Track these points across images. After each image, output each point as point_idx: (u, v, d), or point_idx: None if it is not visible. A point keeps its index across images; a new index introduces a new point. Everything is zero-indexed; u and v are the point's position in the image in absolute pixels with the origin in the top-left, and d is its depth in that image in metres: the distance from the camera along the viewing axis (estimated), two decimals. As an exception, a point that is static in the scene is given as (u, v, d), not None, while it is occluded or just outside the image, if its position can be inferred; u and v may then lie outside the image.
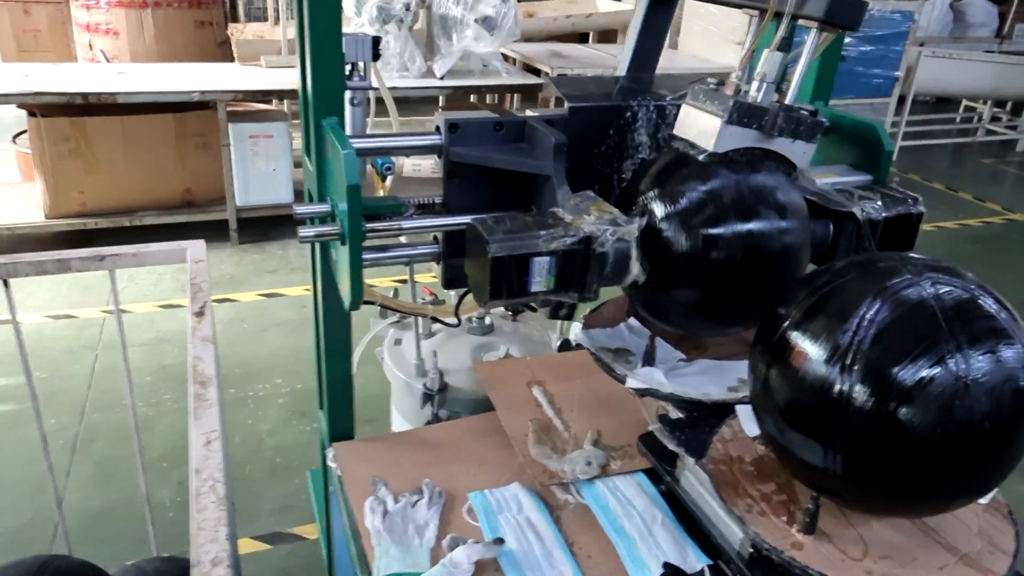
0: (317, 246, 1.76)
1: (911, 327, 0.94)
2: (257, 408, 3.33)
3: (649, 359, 1.46)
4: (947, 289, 0.97)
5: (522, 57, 6.34)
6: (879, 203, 1.50)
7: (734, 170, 1.30)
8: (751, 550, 1.30)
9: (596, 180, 1.61)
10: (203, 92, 4.74)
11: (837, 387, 0.96)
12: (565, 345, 2.12)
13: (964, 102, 9.11)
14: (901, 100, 7.38)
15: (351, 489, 1.62)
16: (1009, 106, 8.97)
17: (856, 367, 0.95)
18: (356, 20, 5.05)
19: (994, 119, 8.95)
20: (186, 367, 1.39)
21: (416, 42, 5.43)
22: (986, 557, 1.07)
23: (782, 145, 1.30)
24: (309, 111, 1.55)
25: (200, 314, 1.46)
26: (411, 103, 7.42)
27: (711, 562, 1.40)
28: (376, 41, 1.61)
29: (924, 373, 0.91)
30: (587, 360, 1.98)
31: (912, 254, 1.07)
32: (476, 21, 5.16)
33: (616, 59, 6.29)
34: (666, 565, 1.38)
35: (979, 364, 0.92)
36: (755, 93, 1.27)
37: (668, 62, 6.26)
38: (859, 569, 1.04)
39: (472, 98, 6.55)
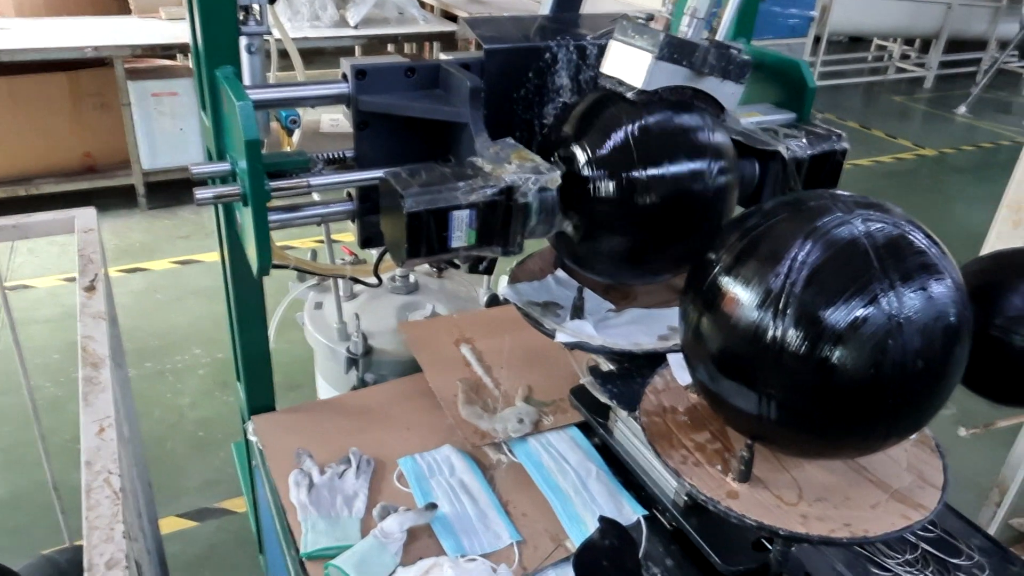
0: (221, 209, 1.63)
1: (843, 267, 0.91)
2: (176, 381, 3.17)
3: (578, 312, 1.41)
4: (878, 226, 0.94)
5: (440, 4, 6.11)
6: (804, 141, 1.47)
7: (660, 111, 1.25)
8: (686, 499, 1.30)
9: (516, 127, 1.53)
10: (97, 48, 4.38)
11: (770, 332, 0.93)
12: (493, 300, 2.06)
13: (875, 41, 9.33)
14: (817, 40, 7.48)
15: (274, 463, 1.54)
16: (917, 44, 9.24)
17: (789, 311, 0.92)
18: (260, -35, 4.74)
19: (904, 57, 9.21)
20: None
21: (327, -12, 5.15)
22: (916, 492, 1.08)
23: (711, 85, 1.25)
24: (201, 61, 1.41)
25: (91, 288, 1.33)
26: (325, 55, 7.09)
27: (646, 512, 1.39)
28: (271, -20, 1.47)
29: (858, 313, 0.89)
30: (516, 315, 1.93)
31: (840, 191, 1.03)
32: (389, -35, 4.92)
33: (536, 4, 6.14)
34: (601, 518, 1.35)
35: (911, 302, 0.90)
36: (685, 29, 1.20)
37: (589, 7, 6.15)
38: (794, 513, 1.03)
39: (389, 48, 6.30)
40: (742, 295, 0.97)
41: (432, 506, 1.39)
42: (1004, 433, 2.15)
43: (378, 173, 1.38)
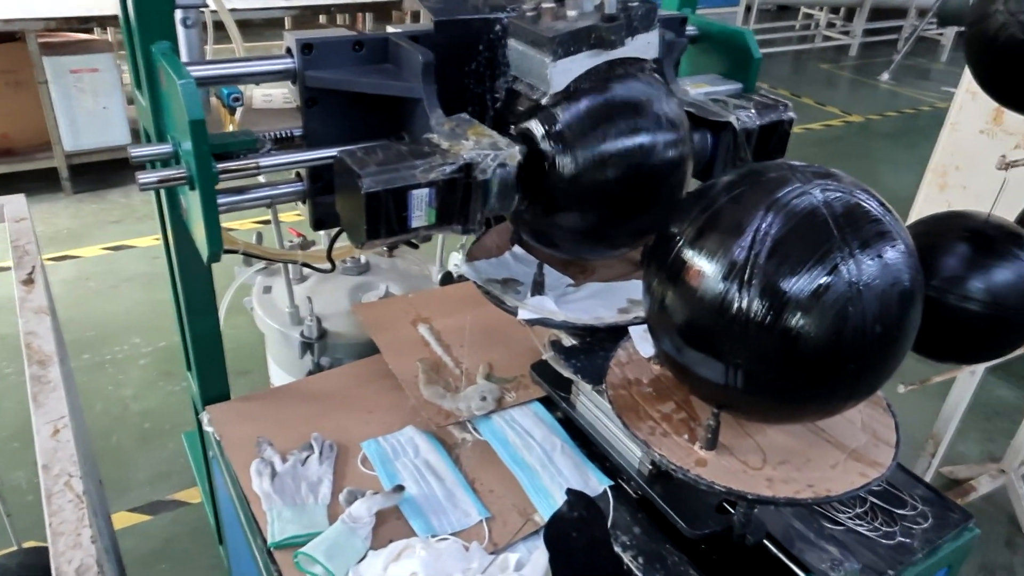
0: (163, 193, 1.56)
1: (805, 237, 0.93)
2: (117, 372, 3.05)
3: (539, 288, 1.41)
4: (836, 195, 0.97)
5: (372, -28, 5.94)
6: (753, 111, 1.50)
7: (613, 85, 1.24)
8: (650, 467, 1.32)
9: (469, 101, 1.50)
10: (7, 21, 4.11)
11: (736, 303, 0.95)
12: (447, 278, 2.04)
13: (802, 9, 9.53)
14: (748, 9, 7.60)
15: (233, 453, 1.50)
16: (842, 12, 9.48)
17: (754, 282, 0.93)
18: (180, -68, 4.50)
19: (830, 25, 9.44)
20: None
21: (253, -43, 4.94)
22: (872, 450, 1.12)
23: (625, 50, 1.24)
24: (134, 37, 1.33)
25: (29, 282, 1.26)
26: (253, 26, 6.83)
27: (612, 483, 1.42)
28: (206, -50, 1.40)
29: (820, 282, 0.91)
30: (472, 292, 1.92)
31: (796, 162, 1.06)
32: (319, -68, 4.75)
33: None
34: (569, 491, 1.37)
35: (870, 269, 0.92)
36: (572, 12, 1.20)
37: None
38: (761, 477, 1.06)
39: (321, 19, 6.11)
40: (707, 268, 0.98)
41: (399, 488, 1.38)
42: (938, 388, 2.27)
43: (331, 152, 1.34)
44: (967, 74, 3.23)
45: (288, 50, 1.35)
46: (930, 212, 3.54)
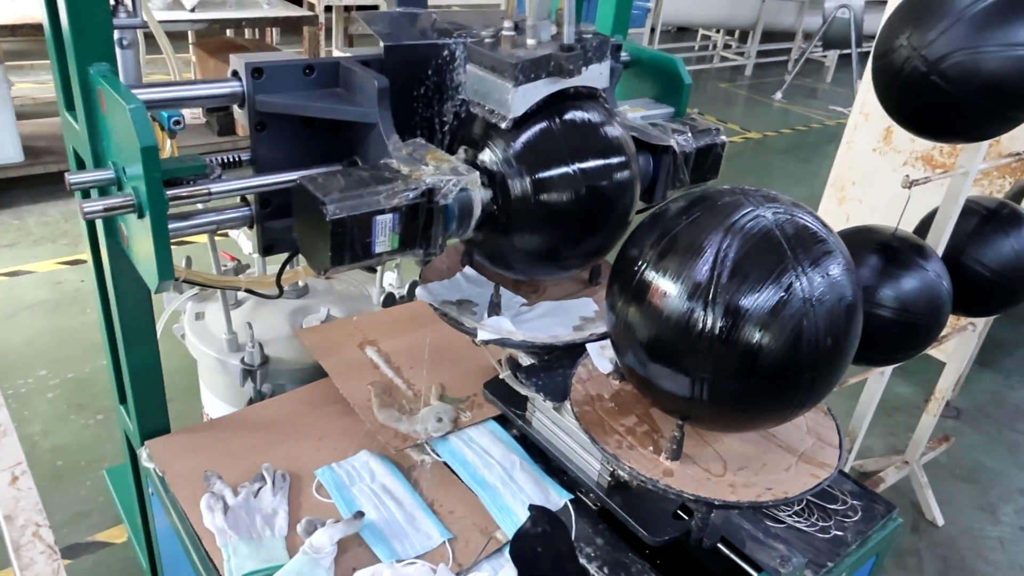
0: (98, 220, 1.49)
1: (762, 257, 1.00)
2: (22, 407, 2.85)
3: (495, 308, 1.43)
4: (785, 217, 1.04)
5: (280, -15, 5.82)
6: (689, 135, 1.58)
7: (564, 111, 1.29)
8: (609, 479, 1.36)
9: (418, 124, 1.51)
10: None
11: (701, 321, 1.00)
12: (389, 300, 2.03)
13: (700, 31, 10.00)
14: (652, 31, 7.92)
15: (179, 488, 1.44)
16: (737, 34, 10.01)
17: (718, 300, 0.99)
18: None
19: (726, 46, 9.95)
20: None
21: (156, -32, 4.76)
22: (819, 452, 1.21)
23: (581, 79, 1.29)
24: (68, 56, 1.27)
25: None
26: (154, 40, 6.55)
27: (572, 496, 1.45)
28: (144, -31, 1.36)
29: (778, 298, 0.98)
30: (417, 313, 1.93)
31: (745, 186, 1.13)
32: (226, -55, 4.63)
33: (384, -11, 6.02)
34: (531, 507, 1.40)
35: (820, 285, 1.00)
36: (532, 41, 1.24)
37: (437, -7, 6.12)
38: (724, 484, 1.12)
39: (228, 33, 5.94)
40: (671, 288, 1.03)
41: (359, 514, 1.37)
42: (852, 388, 2.44)
43: (286, 177, 1.33)
44: (860, 96, 3.49)
45: (234, 73, 1.32)
46: (831, 223, 3.79)
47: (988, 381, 3.76)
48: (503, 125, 1.24)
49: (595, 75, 1.30)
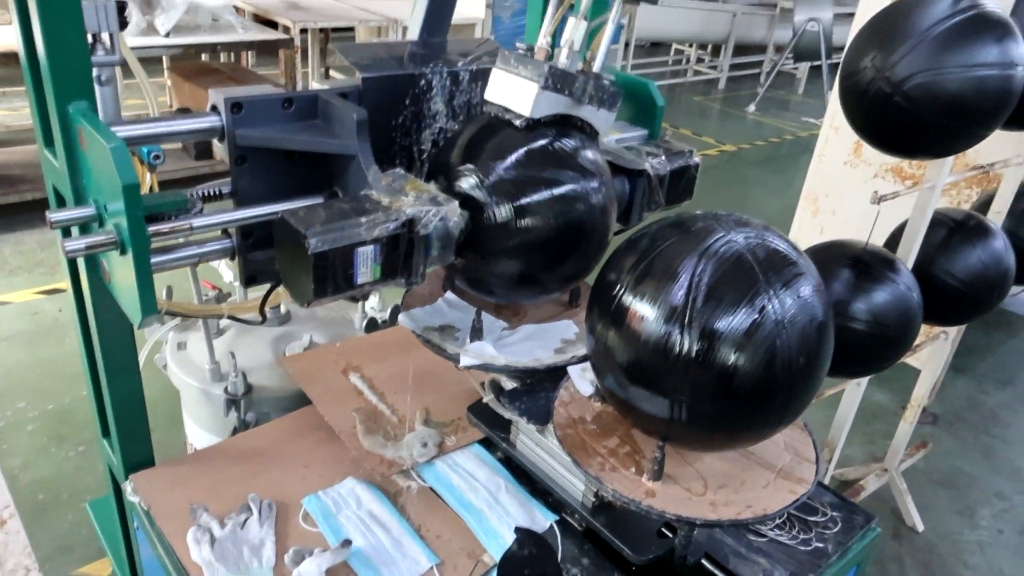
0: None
1: (735, 281, 1.03)
2: (1, 441, 2.81)
3: (477, 333, 1.45)
4: (756, 241, 1.07)
5: (254, 9, 5.84)
6: (663, 158, 1.61)
7: (546, 137, 1.32)
8: (593, 499, 1.38)
9: (397, 153, 1.54)
10: None
11: (678, 344, 1.03)
12: (372, 324, 2.05)
13: (674, 46, 10.14)
14: (626, 45, 8.02)
15: (165, 522, 1.44)
16: (709, 48, 10.17)
17: (694, 324, 1.02)
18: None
19: (699, 60, 10.10)
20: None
21: (129, -6, 4.75)
22: (796, 468, 1.23)
23: (588, 112, 1.34)
24: (47, 93, 1.28)
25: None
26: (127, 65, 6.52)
27: (557, 517, 1.47)
28: (122, 7, 1.37)
29: (751, 320, 1.01)
30: (399, 338, 1.94)
31: (718, 211, 1.16)
32: (201, -30, 4.64)
33: (359, 10, 6.05)
34: (518, 529, 1.41)
35: (791, 306, 1.03)
36: (564, 60, 1.28)
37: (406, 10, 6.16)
38: (705, 503, 1.15)
39: (204, 57, 5.94)
40: (648, 312, 1.06)
41: (347, 543, 1.37)
42: (831, 399, 2.48)
43: (267, 210, 1.34)
44: (830, 110, 3.57)
45: (213, 108, 1.34)
46: (805, 236, 3.87)
47: (963, 386, 3.83)
48: (517, 123, 1.26)
49: (602, 120, 1.36)
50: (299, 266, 1.15)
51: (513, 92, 1.30)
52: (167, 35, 4.80)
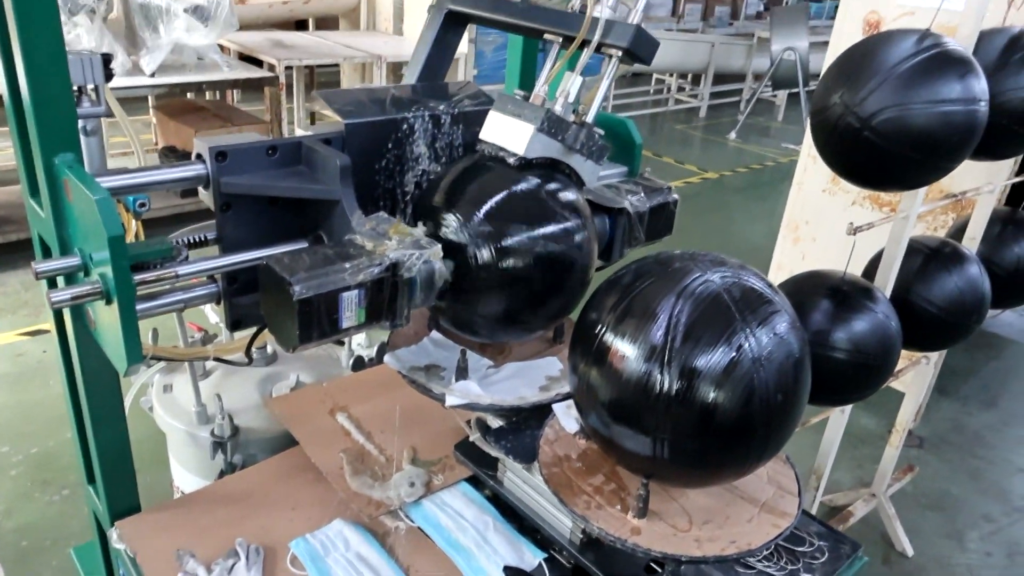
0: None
1: (712, 320, 1.05)
2: (-17, 487, 2.78)
3: (463, 373, 1.47)
4: (731, 280, 1.10)
5: (240, 47, 5.91)
6: (642, 195, 1.65)
7: (529, 180, 1.35)
8: (581, 536, 1.39)
9: (380, 196, 1.56)
10: None
11: (658, 382, 1.05)
12: (359, 363, 2.05)
13: (655, 76, 10.31)
14: (607, 77, 8.15)
15: (151, 569, 1.43)
16: (690, 77, 10.34)
17: (673, 363, 1.04)
18: (35, 12, 4.31)
19: (680, 89, 10.26)
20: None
21: (114, 34, 4.79)
22: (779, 501, 1.25)
23: (577, 161, 1.36)
24: (33, 145, 1.30)
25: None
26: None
27: (546, 555, 1.47)
28: (107, 59, 1.40)
29: (729, 358, 1.03)
30: (386, 377, 1.94)
31: (695, 251, 1.19)
32: (186, 11, 4.69)
33: (343, 47, 6.13)
34: (506, 568, 1.41)
35: (767, 343, 1.05)
36: (559, 109, 1.31)
37: (396, 49, 6.25)
38: (690, 539, 1.16)
39: (189, 95, 5.98)
40: (629, 351, 1.08)
41: (335, 586, 1.37)
42: (816, 427, 2.50)
43: (251, 256, 1.36)
44: (808, 139, 3.64)
45: (198, 156, 1.36)
46: (787, 264, 3.92)
47: (947, 409, 3.86)
48: (510, 160, 1.29)
49: (588, 171, 1.39)
50: (284, 312, 1.16)
51: (508, 132, 1.33)
52: (152, 75, 4.84)
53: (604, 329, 1.12)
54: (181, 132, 5.20)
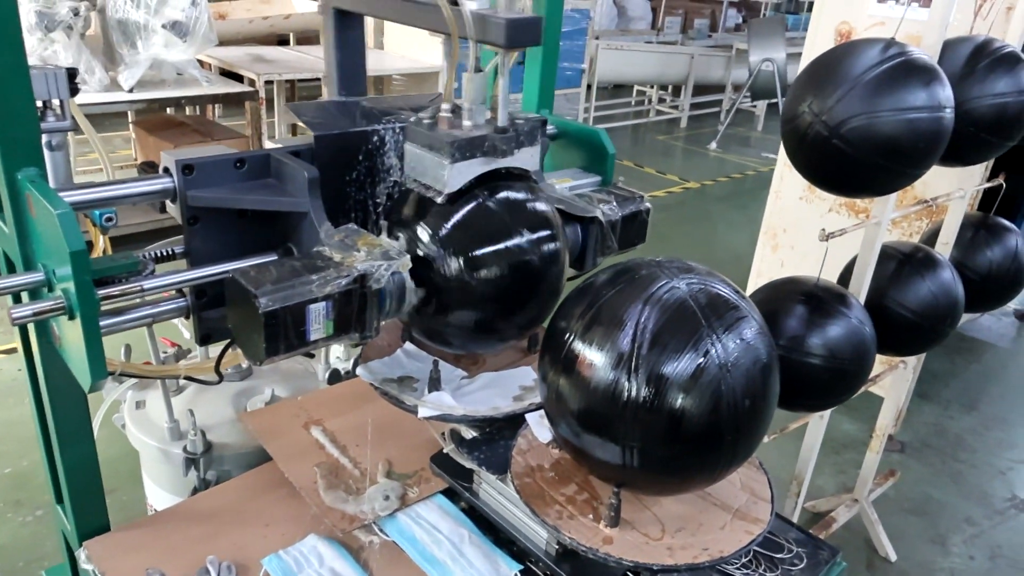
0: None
1: (679, 327, 1.05)
2: (-45, 509, 2.73)
3: (435, 384, 1.46)
4: (698, 287, 1.10)
5: (220, 63, 5.89)
6: (614, 204, 1.65)
7: (491, 191, 1.34)
8: (557, 547, 1.38)
9: (352, 208, 1.56)
10: None
11: (626, 390, 1.05)
12: (335, 376, 2.04)
13: (636, 87, 10.39)
14: (588, 88, 8.20)
15: (119, 590, 1.40)
16: (671, 88, 10.43)
17: (640, 370, 1.04)
18: (10, 29, 4.28)
19: (660, 100, 10.35)
20: None
21: (92, 50, 4.77)
22: (752, 507, 1.25)
23: (510, 159, 1.34)
24: (-5, 161, 1.28)
25: None
26: (94, 119, 6.53)
27: (522, 567, 1.46)
28: (72, 74, 1.39)
29: (696, 364, 1.03)
30: (361, 389, 1.93)
31: (661, 258, 1.19)
32: (164, 27, 4.68)
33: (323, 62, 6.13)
34: (482, 581, 1.40)
35: (734, 350, 1.06)
36: (468, 123, 1.30)
37: (376, 63, 6.25)
38: (662, 547, 1.15)
39: (169, 111, 5.95)
40: (597, 359, 1.08)
41: (308, 603, 1.35)
42: (795, 434, 2.50)
43: (218, 269, 1.35)
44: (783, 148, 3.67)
45: (165, 169, 1.35)
46: (767, 271, 3.95)
47: (928, 413, 3.89)
48: (439, 200, 1.28)
49: (527, 157, 1.36)
50: (251, 325, 1.15)
51: (427, 168, 1.31)
52: (131, 90, 4.82)
53: (572, 337, 1.12)
54: (160, 147, 5.16)
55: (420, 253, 1.31)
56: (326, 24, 1.63)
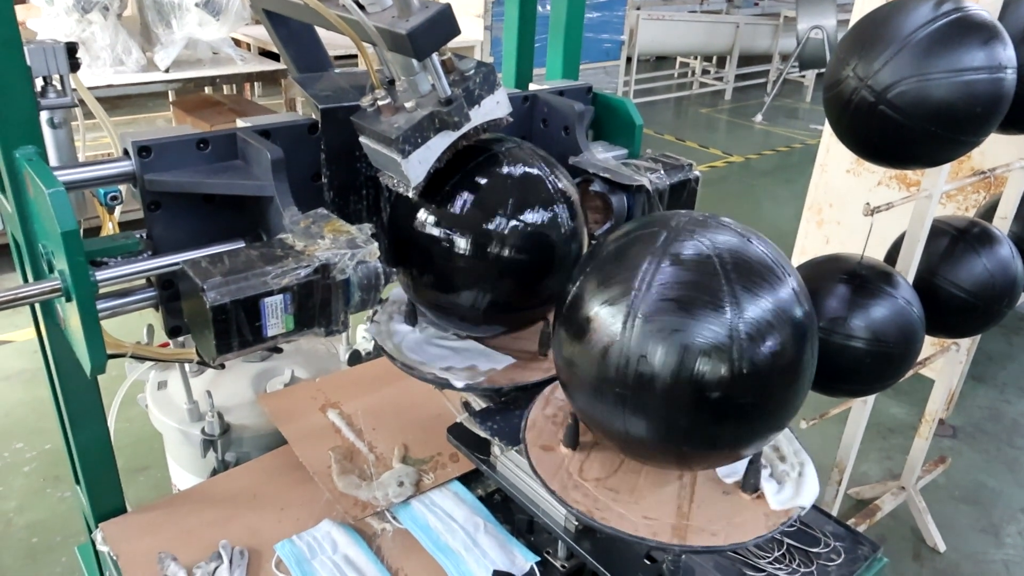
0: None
1: (696, 284, 0.96)
2: (-2, 483, 2.80)
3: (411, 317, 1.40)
4: (723, 240, 1.01)
5: (255, 41, 5.88)
6: (662, 172, 1.56)
7: (507, 166, 1.27)
8: (576, 524, 1.31)
9: (363, 184, 1.49)
10: None
11: (640, 356, 0.97)
12: (355, 358, 2.00)
13: (679, 59, 10.11)
14: (628, 61, 7.99)
15: (131, 572, 1.39)
16: (715, 60, 10.12)
17: (659, 335, 0.96)
18: (49, 10, 4.34)
19: (704, 72, 10.05)
20: None
21: (129, 31, 4.80)
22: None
23: (474, 118, 1.24)
24: (-6, 139, 1.25)
25: None
26: (133, 100, 6.62)
27: (539, 558, 1.40)
28: (72, 49, 1.34)
29: (714, 327, 0.94)
30: (380, 371, 1.89)
31: (681, 211, 1.10)
32: (197, 5, 4.67)
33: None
34: (496, 573, 1.35)
35: (760, 311, 0.96)
36: (411, 103, 1.20)
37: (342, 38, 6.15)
38: (680, 528, 1.08)
39: (207, 90, 5.98)
40: (608, 322, 1.00)
41: (318, 591, 1.32)
42: (836, 419, 2.38)
43: (178, 258, 1.24)
44: (829, 118, 3.49)
45: (125, 151, 1.27)
46: (811, 248, 3.79)
47: (983, 396, 3.70)
48: (410, 195, 1.21)
49: (491, 108, 1.25)
50: (201, 320, 1.05)
51: (386, 164, 1.22)
52: (167, 70, 4.84)
53: (584, 302, 1.04)
54: (197, 127, 5.19)
55: (422, 233, 1.25)
56: (263, 21, 1.54)
